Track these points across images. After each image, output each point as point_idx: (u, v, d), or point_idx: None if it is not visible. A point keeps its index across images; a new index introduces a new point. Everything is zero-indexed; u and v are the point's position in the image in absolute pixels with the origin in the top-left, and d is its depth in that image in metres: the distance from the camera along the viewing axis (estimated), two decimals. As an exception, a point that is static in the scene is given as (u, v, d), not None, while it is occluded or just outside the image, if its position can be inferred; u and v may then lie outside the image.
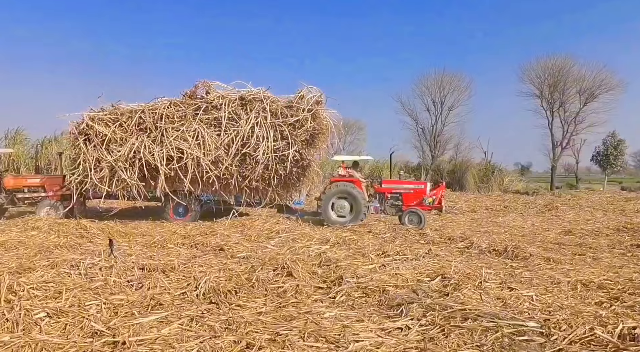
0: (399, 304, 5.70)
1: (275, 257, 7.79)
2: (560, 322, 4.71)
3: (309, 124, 12.16)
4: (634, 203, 23.64)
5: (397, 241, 11.16)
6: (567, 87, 41.90)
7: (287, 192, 13.15)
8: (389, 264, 7.77)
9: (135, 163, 12.27)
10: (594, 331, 4.39)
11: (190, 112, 12.43)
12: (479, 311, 5.13)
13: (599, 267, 8.54)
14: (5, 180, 13.97)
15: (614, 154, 43.45)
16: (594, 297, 6.34)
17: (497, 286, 6.67)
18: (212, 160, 12.21)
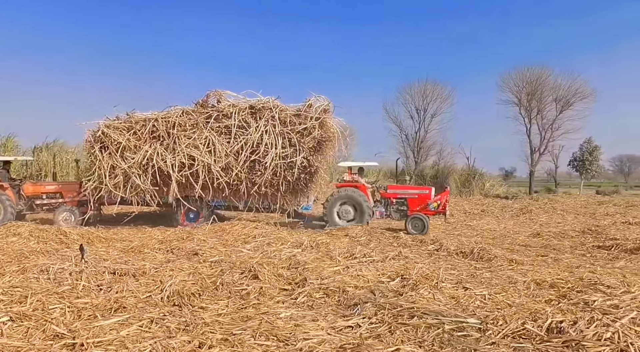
0: (356, 304, 5.80)
1: (245, 261, 7.88)
2: (498, 318, 4.84)
3: (316, 132, 12.21)
4: (605, 207, 23.95)
5: (372, 243, 11.30)
6: (544, 96, 42.50)
7: (295, 197, 13.20)
8: (354, 266, 7.86)
9: (148, 170, 12.45)
10: (525, 326, 4.53)
11: (201, 121, 12.60)
12: (426, 309, 5.25)
13: (556, 268, 8.69)
14: (25, 187, 14.20)
15: (589, 159, 44.21)
16: (545, 296, 6.46)
17: (452, 286, 6.78)
18: (222, 166, 12.34)
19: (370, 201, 14.16)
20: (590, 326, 4.31)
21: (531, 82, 43.21)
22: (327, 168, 13.64)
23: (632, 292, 6.06)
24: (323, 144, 12.42)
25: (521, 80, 43.69)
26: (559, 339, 4.15)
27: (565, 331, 4.25)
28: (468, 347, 4.26)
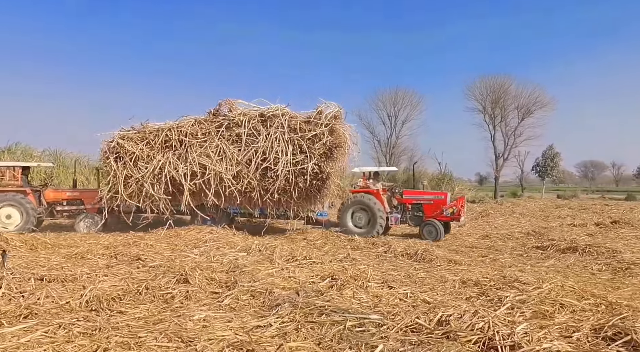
0: (277, 304, 5.73)
1: (183, 265, 7.73)
2: (399, 314, 4.83)
3: (326, 138, 11.95)
4: (560, 210, 24.33)
5: (327, 246, 11.32)
6: (507, 104, 43.26)
7: (308, 204, 12.94)
8: (290, 269, 7.80)
9: (161, 179, 12.35)
10: (418, 320, 4.52)
11: (213, 129, 12.46)
12: (337, 308, 5.22)
13: (489, 267, 8.79)
14: (46, 193, 14.14)
15: (550, 165, 45.17)
16: (467, 293, 6.55)
17: (378, 286, 6.82)
18: (233, 174, 12.15)
19: (384, 207, 13.77)
20: (473, 318, 4.33)
21: (495, 90, 44.01)
22: (340, 174, 13.30)
23: (542, 288, 6.16)
24: (334, 150, 12.09)
25: (485, 89, 44.53)
26: (441, 330, 4.20)
27: (448, 323, 4.25)
28: (361, 341, 4.26)
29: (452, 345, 3.86)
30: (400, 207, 14.15)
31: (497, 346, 3.79)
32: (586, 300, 5.74)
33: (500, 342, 3.81)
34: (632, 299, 5.99)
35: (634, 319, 4.37)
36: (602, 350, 3.96)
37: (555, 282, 6.51)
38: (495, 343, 3.83)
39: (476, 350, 3.85)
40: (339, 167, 12.60)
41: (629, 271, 8.24)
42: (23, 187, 13.62)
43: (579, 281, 7.17)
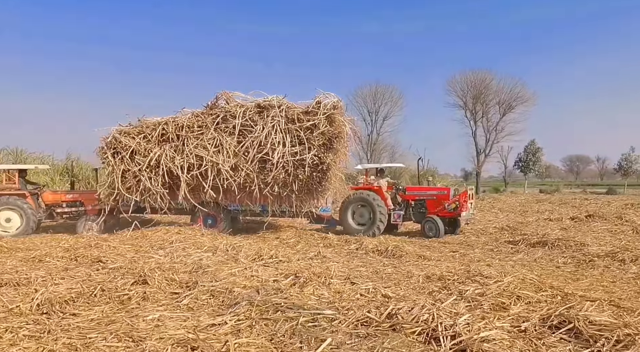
0: (236, 303, 5.82)
1: (145, 266, 7.76)
2: (352, 308, 4.95)
3: (324, 128, 11.88)
4: (540, 205, 24.78)
5: (299, 245, 11.45)
6: (488, 99, 43.81)
7: (310, 197, 12.70)
8: (254, 268, 7.88)
9: (158, 172, 12.46)
10: (368, 314, 4.66)
11: (209, 122, 12.52)
12: (293, 304, 5.36)
13: (457, 262, 9.03)
14: (44, 195, 14.17)
15: (532, 160, 45.93)
16: (430, 288, 6.72)
17: (341, 282, 6.92)
18: (231, 166, 12.17)
19: (387, 204, 13.64)
20: (422, 310, 4.48)
21: (476, 85, 44.54)
22: (341, 166, 13.04)
23: (502, 281, 6.34)
24: (333, 141, 11.98)
25: (466, 84, 45.04)
26: (389, 323, 4.34)
27: (397, 316, 4.41)
28: (312, 335, 4.40)
29: (396, 336, 4.03)
30: (404, 204, 13.99)
31: (439, 337, 3.95)
32: (544, 292, 5.96)
33: (442, 333, 3.98)
34: (588, 290, 6.23)
35: (579, 308, 4.57)
36: (545, 338, 4.13)
37: (517, 276, 6.73)
38: (437, 334, 3.99)
39: (420, 340, 4.01)
40: (339, 158, 12.45)
41: (592, 263, 8.54)
42: (21, 190, 13.69)
43: (541, 274, 7.40)
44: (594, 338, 4.00)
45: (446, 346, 3.80)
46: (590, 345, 3.94)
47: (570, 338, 4.14)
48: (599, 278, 7.28)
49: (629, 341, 3.83)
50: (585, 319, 4.27)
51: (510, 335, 3.98)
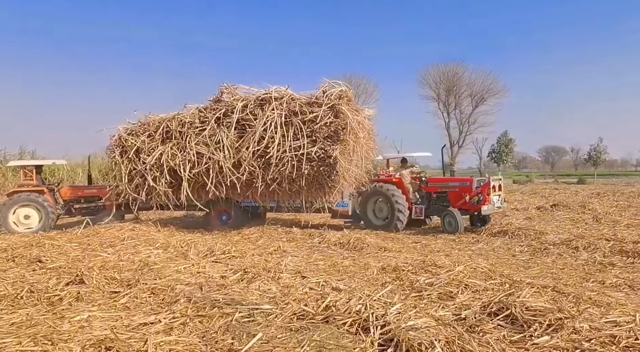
0: (176, 301, 5.69)
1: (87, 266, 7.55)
2: (290, 302, 4.89)
3: (328, 119, 11.38)
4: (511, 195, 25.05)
5: (261, 240, 11.33)
6: (461, 92, 44.38)
7: (322, 193, 12.14)
8: (203, 264, 7.77)
9: (163, 170, 12.32)
10: (306, 307, 4.60)
11: (211, 117, 12.22)
12: (231, 300, 5.26)
13: (417, 253, 9.08)
14: (62, 191, 14.36)
15: (505, 151, 46.77)
16: (384, 279, 6.74)
17: (291, 276, 6.88)
18: (234, 162, 11.83)
19: (408, 197, 12.89)
20: (357, 302, 4.45)
21: (448, 78, 45.02)
22: (356, 159, 12.28)
23: (453, 271, 6.37)
24: (340, 133, 11.41)
25: (439, 76, 45.50)
26: (323, 315, 4.33)
27: (332, 308, 4.37)
28: (245, 331, 4.33)
29: (327, 328, 4.00)
30: (426, 197, 13.15)
31: (369, 327, 3.93)
32: (493, 280, 6.03)
33: (373, 323, 3.97)
34: (537, 277, 6.34)
35: (518, 295, 4.59)
36: (483, 324, 4.14)
37: (469, 265, 6.80)
38: (368, 324, 3.97)
39: (350, 331, 3.99)
40: (351, 150, 11.82)
41: (547, 251, 8.70)
42: (39, 186, 13.76)
43: (496, 263, 7.50)
44: (527, 323, 4.04)
45: (375, 336, 3.79)
46: (523, 330, 3.98)
47: (506, 324, 4.17)
48: (550, 265, 7.41)
49: (559, 325, 3.88)
50: (522, 305, 4.31)
51: (438, 323, 3.97)
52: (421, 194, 13.25)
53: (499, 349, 3.63)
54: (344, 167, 11.58)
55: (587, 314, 4.23)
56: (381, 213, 13.05)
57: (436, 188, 12.98)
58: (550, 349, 3.66)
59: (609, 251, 8.53)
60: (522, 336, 3.89)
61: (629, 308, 4.59)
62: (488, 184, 11.97)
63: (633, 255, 8.07)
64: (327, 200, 12.45)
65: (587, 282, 6.50)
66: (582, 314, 4.21)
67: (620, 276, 6.80)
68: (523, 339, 3.88)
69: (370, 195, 13.18)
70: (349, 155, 11.79)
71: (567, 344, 3.68)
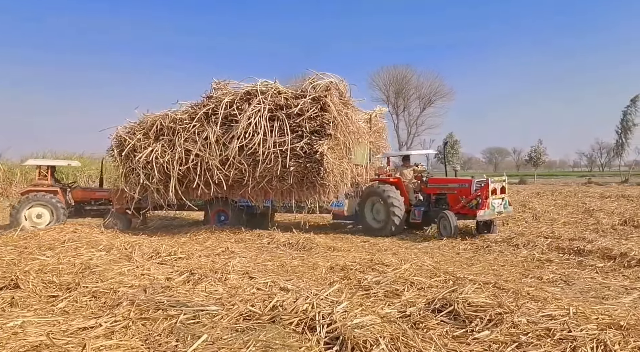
0: (118, 304, 5.50)
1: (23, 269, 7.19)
2: (237, 303, 4.83)
3: (312, 112, 10.84)
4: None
5: (209, 241, 11.15)
6: (409, 94, 45.36)
7: (313, 191, 11.50)
8: (148, 266, 7.55)
9: (154, 168, 12.12)
10: (253, 308, 4.56)
11: (201, 113, 11.82)
12: (176, 302, 5.13)
13: (365, 252, 9.14)
14: (74, 192, 14.64)
15: (451, 152, 48.01)
16: (332, 278, 6.78)
17: (239, 277, 6.78)
18: (222, 160, 11.48)
19: (406, 199, 12.15)
20: (304, 301, 4.46)
21: (397, 80, 45.88)
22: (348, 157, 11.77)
23: (400, 269, 6.47)
24: (326, 127, 10.83)
25: (388, 79, 46.32)
26: (270, 315, 4.36)
27: (279, 308, 4.35)
28: (189, 333, 4.23)
29: (273, 328, 3.97)
30: (425, 199, 12.20)
31: (315, 326, 3.93)
32: (437, 277, 6.17)
33: (319, 322, 3.97)
34: (479, 273, 6.54)
35: (461, 291, 4.71)
36: (427, 321, 4.22)
37: (415, 263, 6.93)
38: (315, 323, 3.97)
39: (297, 331, 3.99)
40: (340, 147, 11.31)
41: (489, 248, 9.00)
42: (53, 186, 14.10)
43: (440, 261, 7.67)
44: (469, 319, 4.15)
45: (321, 335, 3.79)
46: (465, 325, 4.08)
47: (449, 320, 4.27)
48: (491, 262, 7.68)
49: (499, 320, 4.01)
50: (465, 301, 4.42)
51: (383, 320, 4.02)
52: (423, 195, 12.34)
53: (442, 345, 3.71)
54: (332, 164, 11.03)
55: (525, 309, 4.37)
56: (379, 215, 12.27)
57: (435, 189, 11.96)
58: (490, 343, 3.77)
59: (547, 248, 8.91)
60: (464, 331, 3.99)
61: (564, 302, 4.78)
62: (486, 186, 10.73)
63: (569, 252, 8.46)
64: (320, 199, 11.83)
65: (526, 278, 6.78)
66: (520, 308, 4.35)
67: (557, 272, 7.12)
68: (465, 334, 3.98)
69: (367, 196, 12.50)
70: (342, 152, 11.40)
71: (505, 338, 3.80)
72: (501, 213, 10.91)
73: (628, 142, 48.31)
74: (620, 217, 12.30)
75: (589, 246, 8.50)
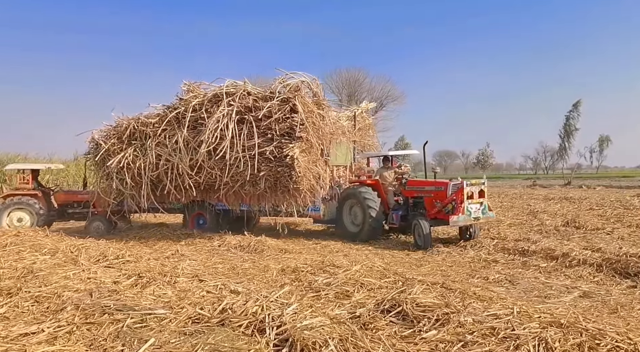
0: (62, 309, 5.32)
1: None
2: (186, 306, 4.76)
3: (281, 114, 10.43)
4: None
5: (159, 244, 11.01)
6: (362, 97, 45.79)
7: (288, 196, 11.04)
8: (94, 270, 7.33)
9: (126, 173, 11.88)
10: (201, 311, 4.52)
11: (172, 117, 11.49)
12: (123, 306, 5.01)
13: (316, 254, 9.20)
14: (56, 195, 14.64)
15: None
16: (283, 280, 6.77)
17: (188, 280, 6.68)
18: (191, 165, 11.15)
19: (384, 201, 11.45)
20: (254, 303, 4.45)
21: (350, 83, 46.28)
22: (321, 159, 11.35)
23: (350, 270, 6.52)
24: (295, 129, 10.36)
25: (341, 81, 46.67)
26: (219, 318, 4.34)
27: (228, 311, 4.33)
28: (136, 337, 4.15)
29: (222, 331, 3.96)
30: (404, 202, 11.41)
31: (265, 328, 3.92)
32: (387, 278, 6.27)
33: (269, 324, 3.97)
34: (428, 274, 6.70)
35: (410, 292, 4.80)
36: (376, 321, 4.29)
37: (366, 264, 7.01)
38: (264, 325, 3.97)
39: (246, 333, 3.98)
40: (314, 150, 10.92)
41: (437, 249, 9.17)
42: (34, 190, 14.10)
43: (390, 262, 7.81)
44: (417, 319, 4.24)
45: (270, 337, 3.79)
46: (413, 325, 4.17)
47: (398, 320, 4.34)
48: (440, 263, 7.88)
49: (446, 319, 4.12)
50: (413, 301, 4.52)
51: (333, 321, 4.06)
52: (402, 198, 11.53)
53: (390, 345, 3.77)
54: (305, 168, 10.63)
55: (472, 308, 4.50)
56: (356, 219, 11.56)
57: (413, 192, 11.10)
58: (437, 342, 3.86)
59: (493, 248, 9.21)
60: (412, 331, 4.08)
61: (509, 302, 4.95)
62: (461, 190, 9.87)
63: (514, 252, 8.76)
64: (296, 204, 11.26)
65: (473, 278, 6.99)
66: (466, 308, 4.47)
67: (502, 272, 7.36)
68: (413, 334, 4.06)
69: (345, 198, 11.86)
70: (316, 155, 11.09)
71: (452, 337, 3.90)
72: (478, 219, 9.95)
73: (570, 146, 50.61)
74: (562, 219, 12.79)
75: (533, 247, 8.83)
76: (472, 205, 9.84)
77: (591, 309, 5.20)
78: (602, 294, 5.94)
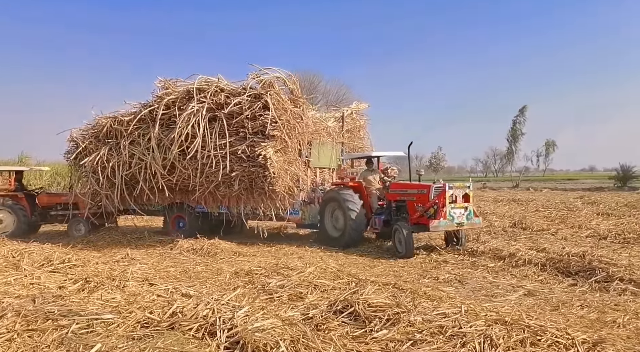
0: (2, 316, 5.08)
1: None
2: (135, 310, 4.67)
3: (252, 111, 10.02)
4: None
5: (108, 247, 10.83)
6: (317, 100, 45.95)
7: (265, 198, 10.63)
8: (38, 275, 7.10)
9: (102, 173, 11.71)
10: (151, 315, 4.47)
11: (144, 114, 11.24)
12: (68, 311, 4.85)
13: (270, 256, 9.16)
14: (39, 197, 14.49)
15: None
16: (236, 283, 6.74)
17: (138, 284, 6.57)
18: (164, 164, 10.99)
19: (367, 205, 10.78)
20: (205, 307, 4.41)
21: (306, 86, 46.28)
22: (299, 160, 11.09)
23: (304, 272, 6.57)
24: (267, 127, 9.93)
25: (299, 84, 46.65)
26: (169, 322, 4.29)
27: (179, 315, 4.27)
28: (82, 343, 4.04)
29: (172, 335, 3.91)
30: (387, 206, 10.67)
31: (216, 331, 3.90)
32: (341, 279, 6.33)
33: (220, 327, 3.95)
34: (381, 275, 6.81)
35: (362, 292, 4.86)
36: (329, 322, 4.32)
37: (319, 266, 7.06)
38: (215, 328, 3.95)
39: (196, 337, 3.95)
40: (289, 148, 10.55)
41: (390, 251, 9.32)
42: (15, 192, 14.10)
43: (344, 263, 7.88)
44: (369, 319, 4.30)
45: (221, 339, 3.77)
46: (365, 325, 4.23)
47: (350, 321, 4.40)
48: (392, 264, 8.00)
49: (396, 319, 4.20)
50: (365, 302, 4.58)
51: (284, 323, 4.06)
52: (386, 202, 10.76)
53: (341, 345, 3.81)
54: (280, 168, 10.25)
55: (421, 308, 4.60)
56: (338, 223, 10.85)
57: (396, 195, 10.37)
58: (387, 341, 3.94)
59: (443, 249, 9.41)
60: (364, 331, 4.14)
61: (457, 301, 5.10)
62: (443, 193, 9.21)
63: (463, 253, 9.00)
64: (274, 206, 10.80)
65: (424, 278, 7.14)
66: (417, 308, 4.57)
67: (452, 272, 7.55)
68: (364, 334, 4.12)
69: (327, 201, 11.18)
70: (293, 155, 10.78)
71: (402, 337, 3.98)
72: (462, 225, 9.27)
73: (517, 150, 52.45)
74: (510, 220, 13.20)
75: (481, 247, 9.09)
76: (456, 210, 9.21)
77: (534, 307, 5.40)
78: (545, 292, 6.18)
